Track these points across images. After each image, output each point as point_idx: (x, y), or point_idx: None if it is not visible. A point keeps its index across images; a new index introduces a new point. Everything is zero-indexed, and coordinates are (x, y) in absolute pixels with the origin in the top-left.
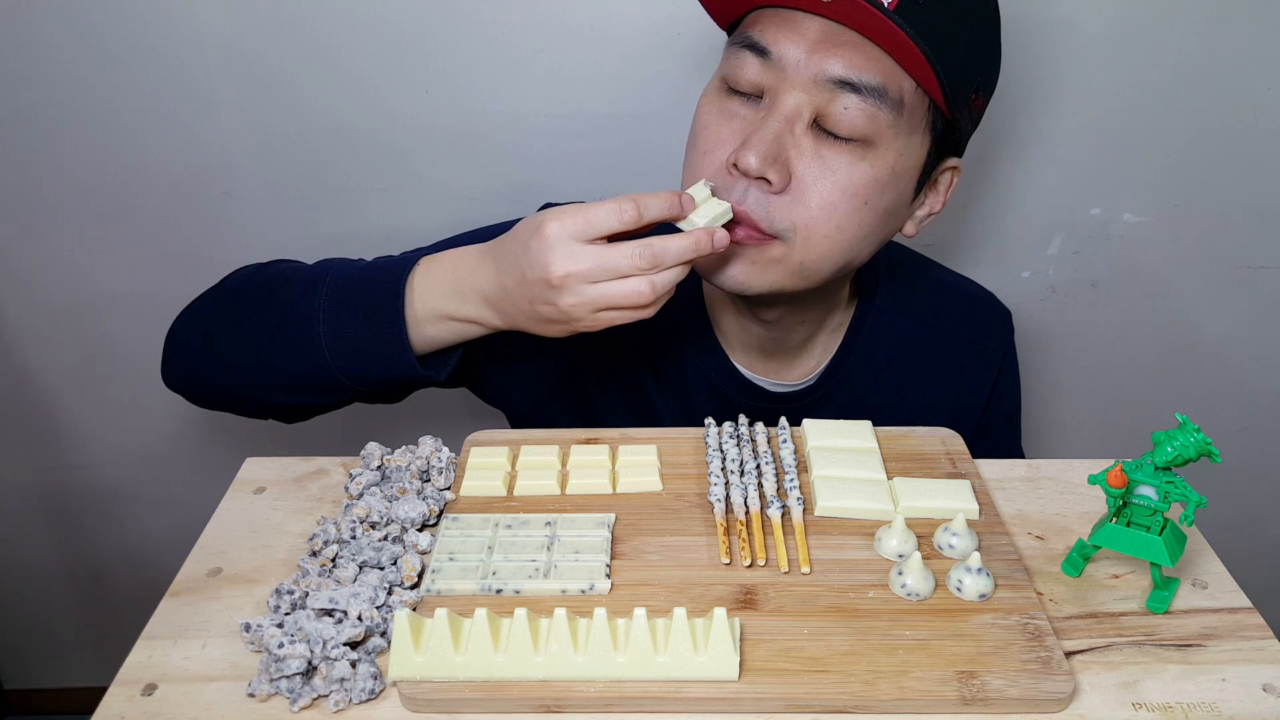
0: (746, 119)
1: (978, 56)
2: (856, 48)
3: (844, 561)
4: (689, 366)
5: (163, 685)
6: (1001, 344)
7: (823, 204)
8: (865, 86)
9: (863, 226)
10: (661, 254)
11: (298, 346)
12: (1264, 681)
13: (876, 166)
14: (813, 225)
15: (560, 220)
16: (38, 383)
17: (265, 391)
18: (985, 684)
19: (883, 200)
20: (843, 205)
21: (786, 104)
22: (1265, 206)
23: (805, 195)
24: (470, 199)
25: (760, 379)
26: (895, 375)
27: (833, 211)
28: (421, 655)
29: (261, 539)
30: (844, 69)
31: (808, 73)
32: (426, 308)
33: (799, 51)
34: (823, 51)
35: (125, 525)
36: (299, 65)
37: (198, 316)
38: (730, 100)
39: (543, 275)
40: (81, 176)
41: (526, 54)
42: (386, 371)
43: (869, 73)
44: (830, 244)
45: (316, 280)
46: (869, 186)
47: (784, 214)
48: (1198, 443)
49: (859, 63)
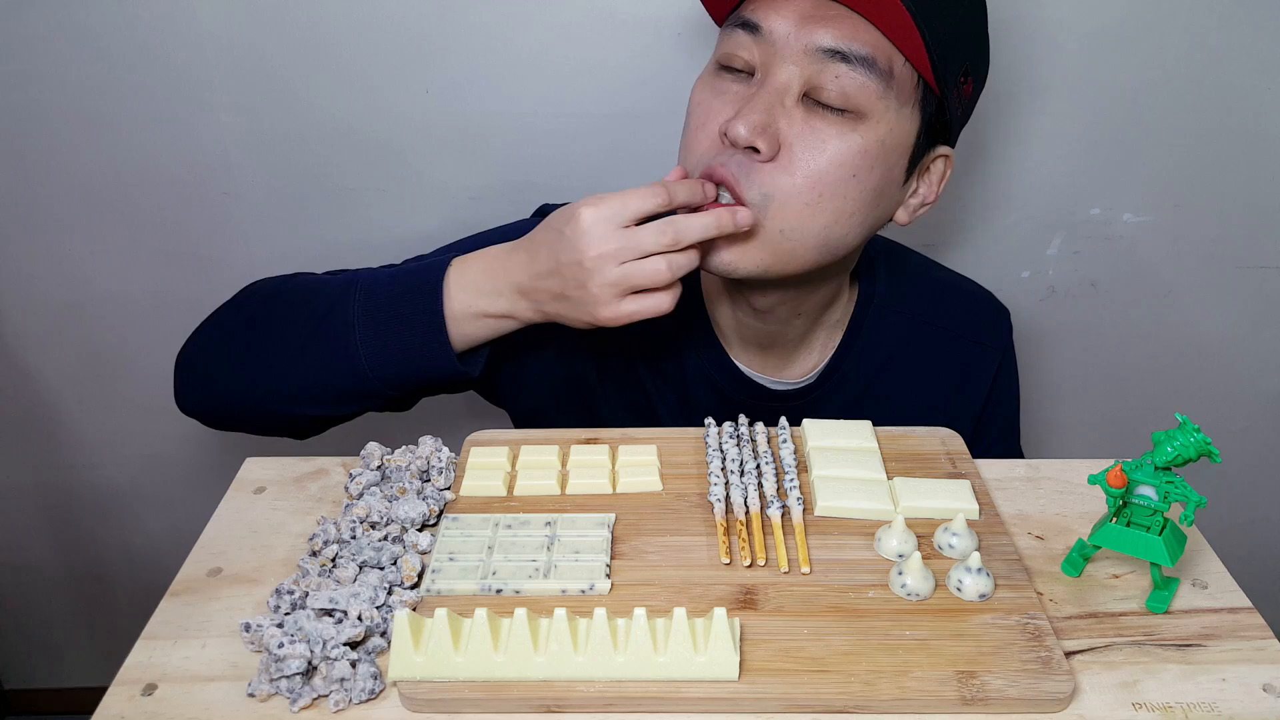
0: (738, 94)
1: (965, 35)
2: (845, 19)
3: (844, 561)
4: (689, 365)
5: (163, 685)
6: (1001, 343)
7: (809, 173)
8: (854, 56)
9: (848, 200)
10: (685, 230)
11: (331, 356)
12: (1264, 681)
13: (866, 138)
14: (792, 193)
15: (596, 206)
16: (38, 383)
17: (289, 405)
18: (985, 684)
19: (872, 176)
20: (830, 175)
21: (778, 76)
22: (1265, 206)
23: (792, 164)
24: (470, 199)
25: (760, 376)
26: (895, 374)
27: (818, 180)
28: (421, 655)
29: (261, 539)
30: (833, 39)
31: (797, 45)
32: (463, 306)
33: (788, 25)
34: (812, 24)
35: (125, 525)
36: (299, 65)
37: (214, 335)
38: (723, 79)
39: (577, 258)
40: (81, 176)
41: (526, 54)
42: (427, 373)
43: (857, 42)
44: (810, 213)
45: (347, 290)
46: (858, 158)
47: (764, 181)
48: (1198, 443)
49: (847, 33)
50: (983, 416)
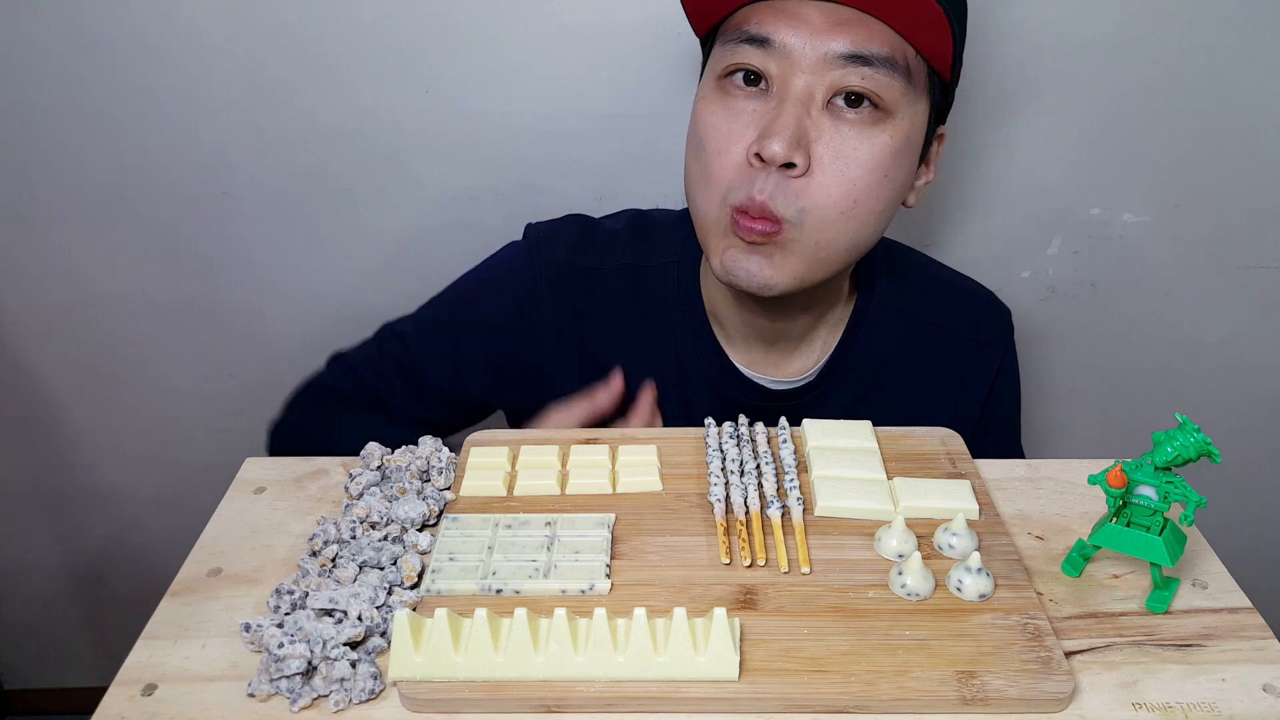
0: (757, 111)
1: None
2: (860, 24)
3: (844, 561)
4: (688, 365)
5: (163, 685)
6: (1001, 342)
7: (843, 181)
8: (876, 58)
9: (880, 200)
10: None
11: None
12: (1264, 681)
13: (895, 137)
14: (828, 204)
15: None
16: (38, 383)
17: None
18: (985, 684)
19: (900, 172)
20: (863, 180)
21: (797, 87)
22: (1265, 207)
23: (826, 175)
24: (470, 199)
25: (759, 376)
26: (894, 372)
27: (852, 188)
28: (421, 655)
29: (261, 539)
30: (852, 44)
31: (814, 54)
32: None
33: (802, 37)
34: (827, 32)
35: (125, 525)
36: (299, 65)
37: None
38: (732, 95)
39: None
40: (81, 177)
41: (526, 55)
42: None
43: (876, 44)
44: (845, 220)
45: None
46: (889, 158)
47: (800, 196)
48: (1198, 443)
49: (864, 36)
50: (983, 416)
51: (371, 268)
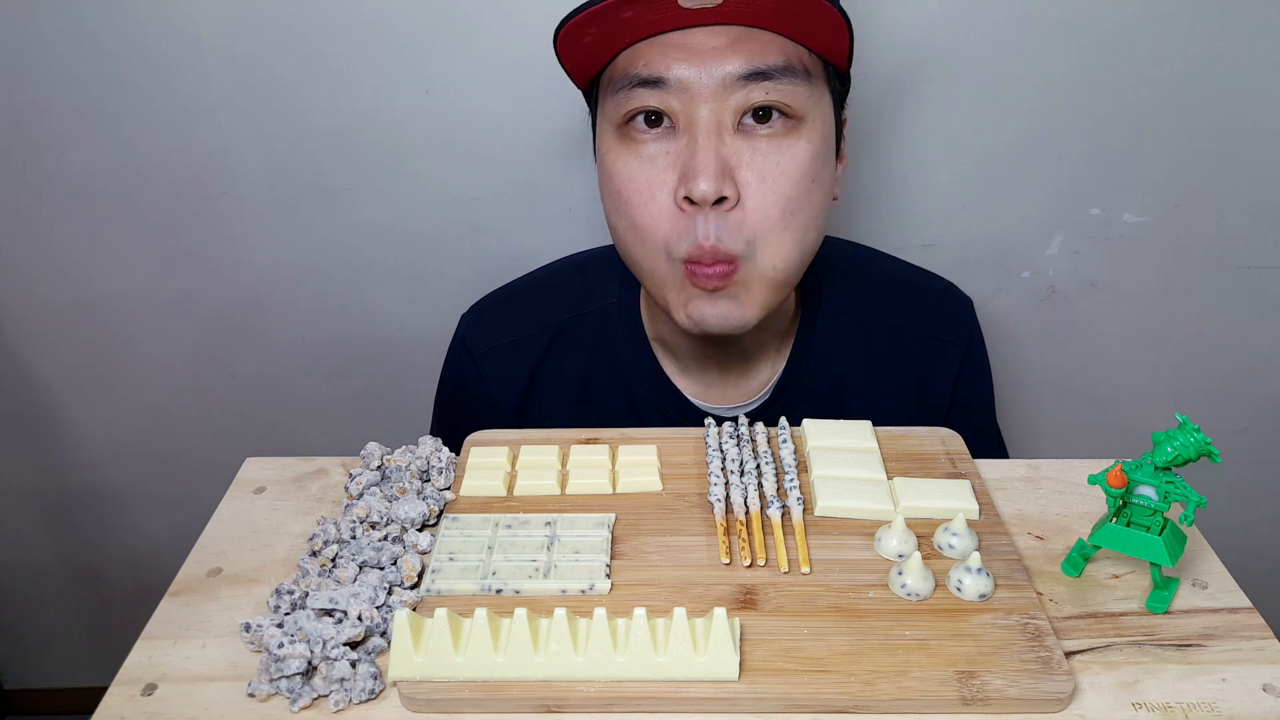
0: (670, 152)
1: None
2: (749, 38)
3: (844, 561)
4: (641, 403)
5: (163, 685)
6: (960, 335)
7: (776, 198)
8: (775, 70)
9: (814, 205)
10: None
11: None
12: (1264, 681)
13: (811, 140)
14: (769, 226)
15: None
16: (38, 383)
17: None
18: (985, 684)
19: (825, 172)
20: (794, 191)
21: (703, 118)
22: (1265, 206)
23: (757, 199)
24: (470, 199)
25: (713, 406)
26: (854, 380)
27: (786, 201)
28: (421, 655)
29: (261, 539)
30: (747, 62)
31: (712, 81)
32: None
33: (695, 67)
34: (719, 55)
35: (125, 525)
36: (299, 66)
37: None
38: (640, 143)
39: None
40: (81, 177)
41: (527, 55)
42: None
43: (771, 56)
44: (788, 235)
45: None
46: (813, 162)
47: (741, 226)
48: (1198, 443)
49: (758, 51)
50: (951, 409)
51: (371, 267)
